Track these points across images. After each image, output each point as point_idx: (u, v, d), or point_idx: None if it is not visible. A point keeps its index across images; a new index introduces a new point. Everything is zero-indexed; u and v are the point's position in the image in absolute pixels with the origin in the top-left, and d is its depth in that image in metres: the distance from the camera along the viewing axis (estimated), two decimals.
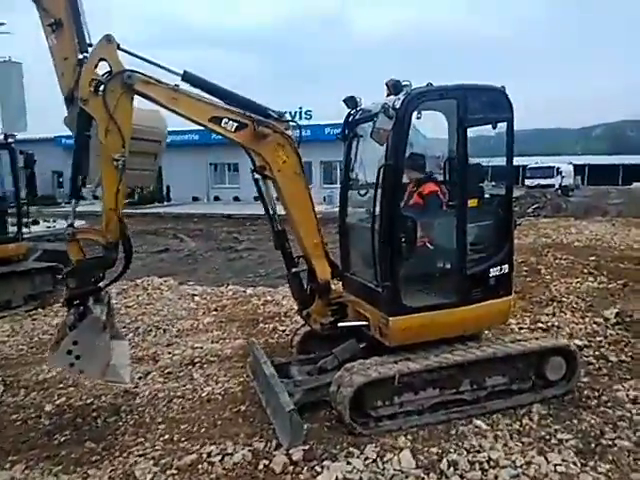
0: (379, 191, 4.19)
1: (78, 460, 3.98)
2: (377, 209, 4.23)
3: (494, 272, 4.49)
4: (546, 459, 3.74)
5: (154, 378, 5.56)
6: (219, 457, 3.88)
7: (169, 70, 4.18)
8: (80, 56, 4.19)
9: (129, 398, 5.07)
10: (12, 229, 9.15)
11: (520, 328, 6.62)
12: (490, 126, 4.48)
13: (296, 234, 4.72)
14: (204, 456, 3.92)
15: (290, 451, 3.88)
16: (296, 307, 5.24)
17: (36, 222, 20.41)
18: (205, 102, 4.26)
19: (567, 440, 4.01)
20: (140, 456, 3.99)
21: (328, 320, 4.85)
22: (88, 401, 4.99)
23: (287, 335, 6.50)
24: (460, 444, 3.99)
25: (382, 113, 3.88)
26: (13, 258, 8.91)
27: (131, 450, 4.08)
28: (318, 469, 3.72)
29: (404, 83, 4.21)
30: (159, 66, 4.16)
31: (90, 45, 4.69)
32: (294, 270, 4.88)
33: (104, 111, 3.99)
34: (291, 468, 3.74)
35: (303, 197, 4.63)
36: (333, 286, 4.99)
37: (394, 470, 3.70)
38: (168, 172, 36.44)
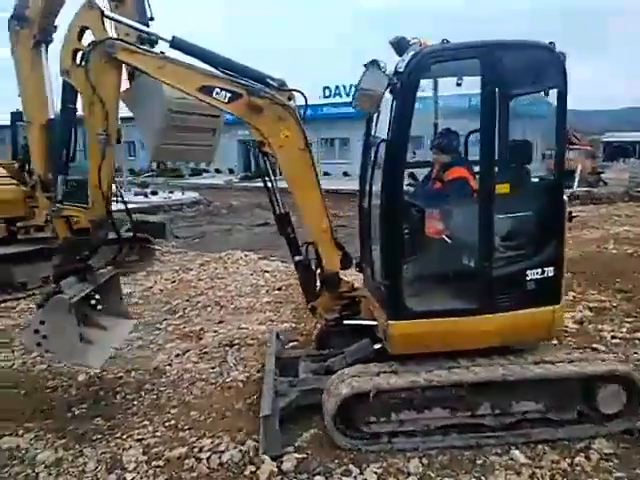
0: (377, 173, 3.54)
1: (81, 437, 3.98)
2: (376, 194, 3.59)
3: (532, 275, 3.61)
4: None
5: (189, 357, 5.48)
6: (208, 454, 3.64)
7: (157, 37, 3.87)
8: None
9: (157, 376, 5.04)
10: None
11: (613, 337, 5.49)
12: None
13: (302, 218, 4.17)
14: (195, 450, 3.70)
15: (283, 458, 3.51)
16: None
17: (155, 192, 22.06)
18: (194, 70, 3.83)
19: None
20: (138, 441, 3.88)
21: (333, 316, 4.28)
22: (119, 375, 5.05)
23: None
24: (482, 478, 3.30)
25: (369, 70, 3.17)
26: None
27: (132, 433, 4.00)
28: None
29: (412, 41, 3.44)
30: (146, 32, 3.87)
31: (152, 19, 4.62)
32: (297, 258, 4.39)
33: (86, 83, 3.79)
34: (277, 479, 3.37)
35: (309, 177, 4.05)
36: (347, 278, 4.41)
37: None
38: None
